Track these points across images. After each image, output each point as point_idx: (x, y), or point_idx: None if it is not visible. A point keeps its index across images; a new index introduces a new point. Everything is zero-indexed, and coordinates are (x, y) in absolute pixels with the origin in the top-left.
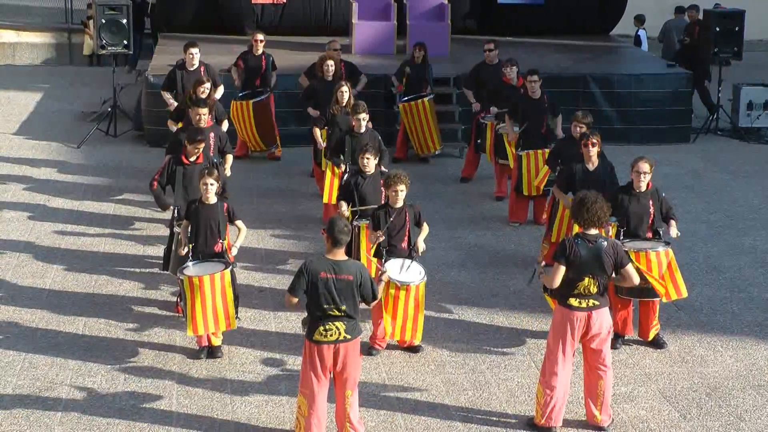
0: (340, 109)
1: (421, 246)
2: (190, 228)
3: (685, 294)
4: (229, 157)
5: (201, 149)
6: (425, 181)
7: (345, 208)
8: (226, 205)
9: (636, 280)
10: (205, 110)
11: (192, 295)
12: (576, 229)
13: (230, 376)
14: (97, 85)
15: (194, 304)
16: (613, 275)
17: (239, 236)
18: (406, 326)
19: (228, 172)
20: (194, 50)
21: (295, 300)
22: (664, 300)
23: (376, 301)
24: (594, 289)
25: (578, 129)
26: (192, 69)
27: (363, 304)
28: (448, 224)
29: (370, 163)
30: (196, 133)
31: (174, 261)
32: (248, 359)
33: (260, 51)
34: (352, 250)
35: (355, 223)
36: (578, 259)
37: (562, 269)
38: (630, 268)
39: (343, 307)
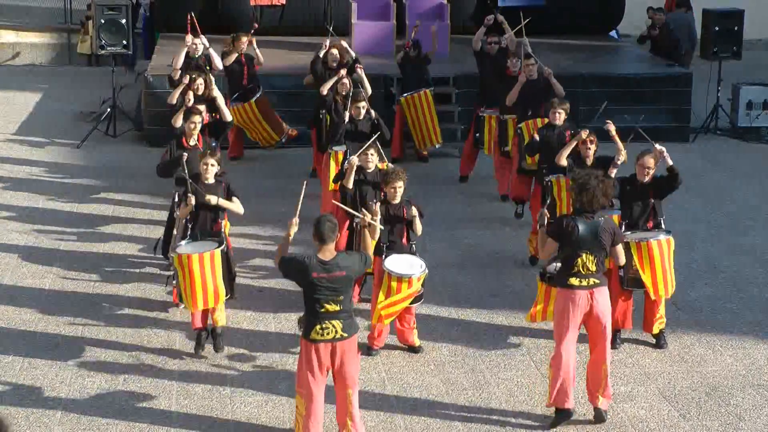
0: (341, 99)
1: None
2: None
3: (672, 291)
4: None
5: (198, 124)
6: (424, 181)
7: (351, 184)
8: (224, 184)
9: (622, 260)
10: (201, 81)
11: (183, 273)
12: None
13: (230, 376)
14: (96, 86)
15: (184, 281)
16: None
17: (233, 204)
18: (391, 311)
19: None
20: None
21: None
22: (653, 297)
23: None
24: (593, 267)
25: (557, 115)
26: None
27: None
28: (448, 224)
29: (373, 159)
30: (190, 110)
31: (174, 244)
32: (248, 359)
33: (241, 51)
34: (354, 247)
35: (357, 221)
36: (576, 234)
37: (552, 242)
38: (619, 248)
39: (341, 298)
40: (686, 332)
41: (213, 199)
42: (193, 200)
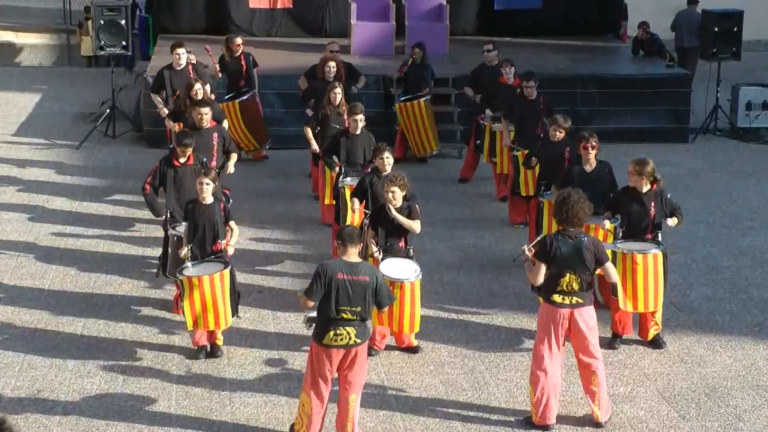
0: (333, 109)
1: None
2: (188, 228)
3: (652, 306)
4: (234, 156)
5: (189, 152)
6: (424, 182)
7: (357, 205)
8: (222, 204)
9: (615, 278)
10: (206, 109)
11: (191, 294)
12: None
13: (229, 377)
14: (96, 86)
15: (193, 303)
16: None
17: (233, 236)
18: (404, 321)
19: (231, 170)
20: (181, 50)
21: (312, 304)
22: (623, 308)
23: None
24: (576, 286)
25: (557, 133)
26: (179, 69)
27: (377, 308)
28: (447, 225)
29: (388, 162)
30: (184, 136)
31: (172, 262)
32: (247, 360)
33: (239, 53)
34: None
35: (366, 221)
36: (559, 255)
37: (544, 267)
38: (609, 265)
39: (358, 309)
40: (685, 333)
41: (231, 250)
42: (184, 250)
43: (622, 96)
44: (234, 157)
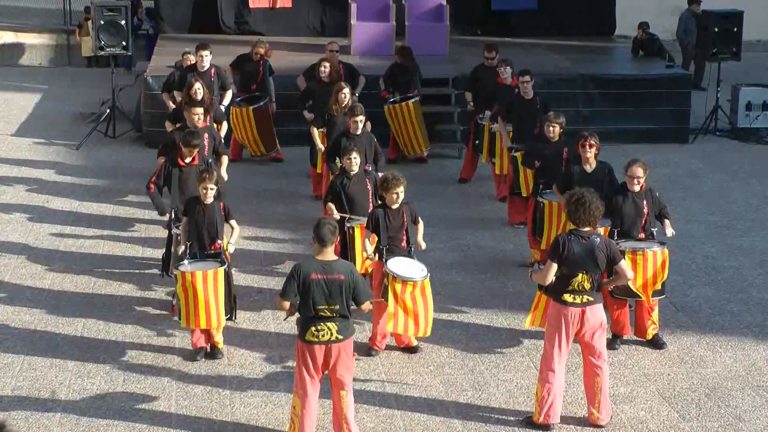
0: (339, 110)
1: (423, 244)
2: (188, 226)
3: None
4: (225, 159)
5: (196, 152)
6: (424, 182)
7: (334, 210)
8: (222, 204)
9: (630, 275)
10: (200, 110)
11: (185, 290)
12: (569, 226)
13: (229, 377)
14: (96, 87)
15: (187, 299)
16: (605, 279)
17: (233, 234)
18: (419, 321)
19: (225, 176)
20: (205, 52)
21: (287, 304)
22: (648, 304)
23: (368, 303)
24: (588, 285)
25: (551, 129)
26: (203, 71)
27: (354, 305)
28: (447, 225)
29: (356, 162)
30: (192, 136)
31: (174, 260)
32: (247, 360)
33: (258, 58)
34: (348, 252)
35: (348, 225)
36: (572, 255)
37: (555, 267)
38: (623, 264)
39: (336, 307)
40: (685, 333)
41: (231, 249)
42: (182, 248)
43: (622, 97)
44: (225, 159)
